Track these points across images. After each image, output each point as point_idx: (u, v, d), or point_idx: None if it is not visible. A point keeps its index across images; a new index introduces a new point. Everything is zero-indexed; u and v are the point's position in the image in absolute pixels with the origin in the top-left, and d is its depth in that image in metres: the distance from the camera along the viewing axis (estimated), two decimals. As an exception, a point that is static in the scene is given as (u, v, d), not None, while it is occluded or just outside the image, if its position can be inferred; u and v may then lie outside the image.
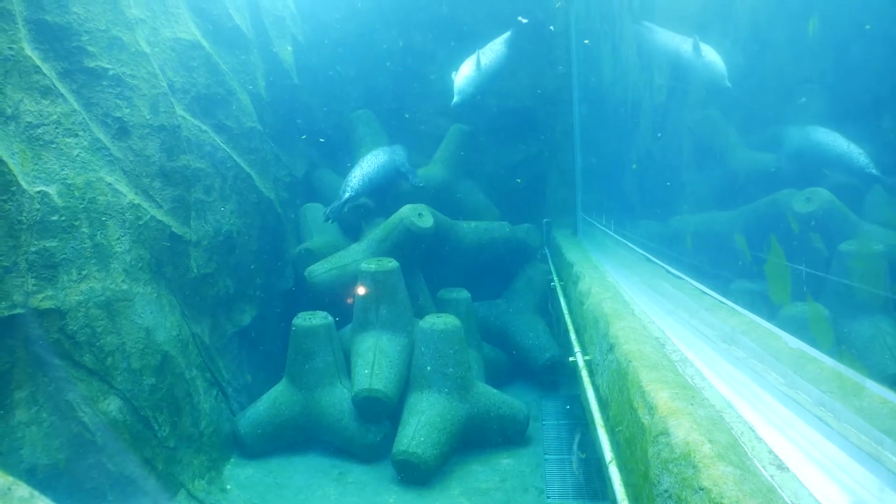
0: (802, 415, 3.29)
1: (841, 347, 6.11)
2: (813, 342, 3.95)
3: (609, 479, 3.52)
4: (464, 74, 8.89)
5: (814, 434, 3.11)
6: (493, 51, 9.33)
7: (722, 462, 2.50)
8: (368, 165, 8.96)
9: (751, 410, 3.39)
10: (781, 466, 2.65)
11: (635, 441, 3.27)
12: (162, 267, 6.16)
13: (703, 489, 2.40)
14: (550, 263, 9.03)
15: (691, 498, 2.45)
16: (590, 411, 4.44)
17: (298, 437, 6.99)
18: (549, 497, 5.97)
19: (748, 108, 8.94)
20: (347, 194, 8.52)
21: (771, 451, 2.79)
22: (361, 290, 7.34)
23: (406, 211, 7.91)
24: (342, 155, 10.34)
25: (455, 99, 8.71)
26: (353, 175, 8.78)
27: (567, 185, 10.08)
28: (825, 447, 2.98)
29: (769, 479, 2.53)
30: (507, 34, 9.70)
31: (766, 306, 6.52)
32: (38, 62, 5.08)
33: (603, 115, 11.47)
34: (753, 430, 3.01)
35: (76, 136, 5.28)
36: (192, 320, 6.60)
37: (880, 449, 2.79)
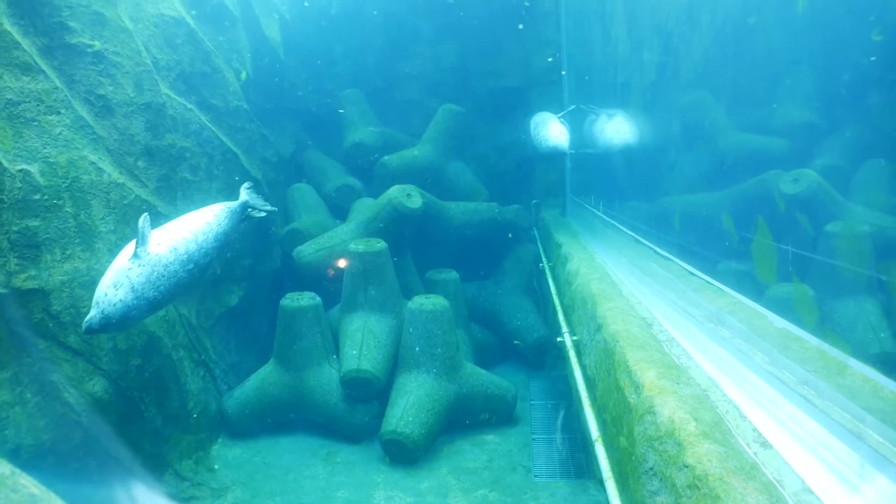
0: (786, 393, 3.32)
1: (825, 327, 6.16)
2: (798, 322, 3.98)
3: (595, 457, 3.55)
4: (111, 277, 4.66)
5: (797, 412, 3.14)
6: (194, 229, 5.47)
7: (706, 440, 2.52)
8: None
9: (736, 389, 3.41)
10: (765, 444, 2.67)
11: (622, 419, 3.29)
12: (147, 247, 6.09)
13: (687, 466, 2.42)
14: (539, 244, 9.04)
15: (676, 475, 2.47)
16: (577, 391, 4.46)
17: (286, 417, 6.99)
18: (536, 476, 6.02)
19: (737, 90, 8.93)
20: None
21: (755, 429, 2.81)
22: (350, 271, 7.32)
23: (395, 191, 7.88)
24: (331, 135, 10.26)
25: (91, 314, 4.49)
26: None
27: (556, 166, 10.05)
28: (808, 425, 3.00)
29: (752, 456, 2.56)
30: (221, 208, 6.08)
31: (752, 286, 6.55)
32: (18, 37, 4.97)
33: (593, 96, 11.42)
34: (738, 409, 3.03)
35: (58, 113, 5.19)
36: (179, 301, 6.55)
37: (862, 426, 2.82)
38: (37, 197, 4.88)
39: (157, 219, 6.11)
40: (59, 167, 5.09)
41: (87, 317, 4.53)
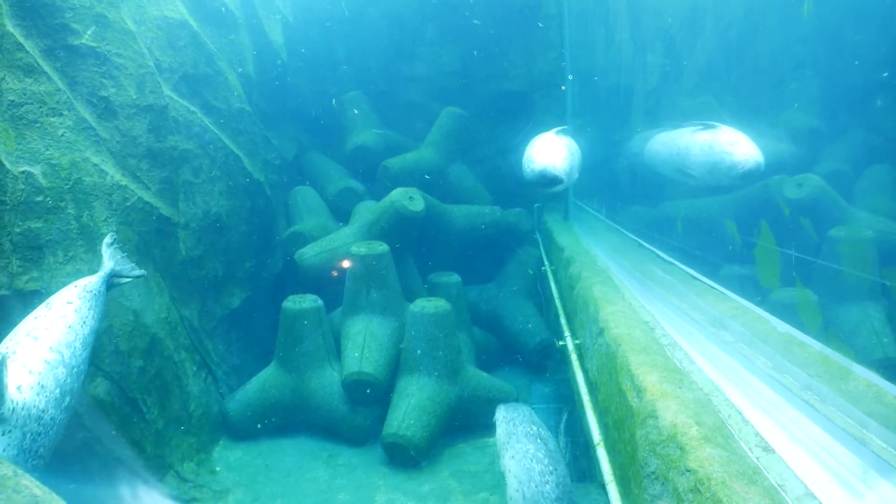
0: (789, 398, 3.30)
1: (829, 332, 6.15)
2: (801, 327, 3.97)
3: (597, 461, 3.54)
4: None
5: (800, 417, 3.12)
6: (56, 345, 3.97)
7: (709, 444, 2.50)
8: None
9: (738, 394, 3.40)
10: (767, 448, 2.66)
11: (624, 423, 3.28)
12: (150, 249, 6.10)
13: (689, 471, 2.40)
14: (541, 248, 9.02)
15: (678, 479, 2.45)
16: (579, 394, 4.45)
17: (288, 419, 6.98)
18: (537, 479, 5.99)
19: (741, 94, 8.92)
20: None
21: (757, 434, 2.80)
22: (352, 274, 7.31)
23: (397, 194, 7.87)
24: (333, 138, 10.27)
25: None
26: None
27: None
28: (811, 430, 2.99)
29: (755, 460, 2.54)
30: (78, 295, 4.42)
31: (755, 291, 6.55)
32: (21, 39, 4.98)
33: (596, 99, 11.41)
34: (740, 413, 3.02)
35: (61, 115, 5.20)
36: (181, 303, 6.56)
37: (865, 431, 2.80)
38: (39, 199, 4.89)
39: (159, 222, 6.12)
40: (62, 169, 5.10)
41: None
